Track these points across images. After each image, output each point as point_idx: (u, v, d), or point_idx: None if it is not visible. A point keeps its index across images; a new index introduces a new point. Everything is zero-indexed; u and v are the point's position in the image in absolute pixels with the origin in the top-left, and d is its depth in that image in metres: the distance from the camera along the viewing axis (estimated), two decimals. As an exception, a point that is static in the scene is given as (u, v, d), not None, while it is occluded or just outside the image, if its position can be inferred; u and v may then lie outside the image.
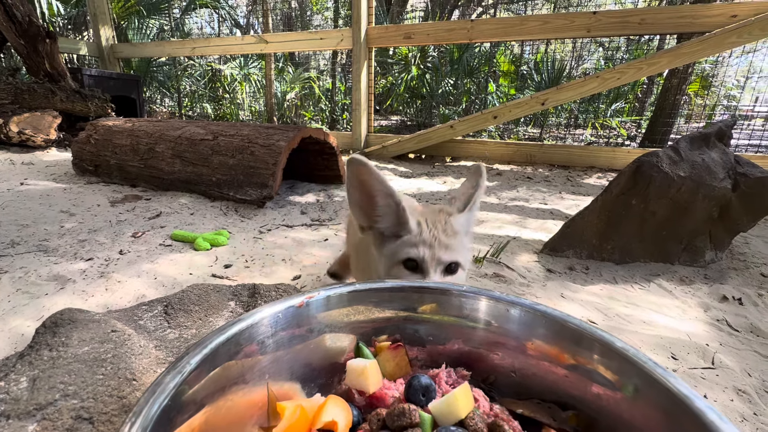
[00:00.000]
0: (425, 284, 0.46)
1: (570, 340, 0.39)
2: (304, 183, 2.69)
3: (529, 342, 0.41)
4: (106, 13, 5.05)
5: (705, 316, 1.20)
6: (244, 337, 0.37)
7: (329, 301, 0.42)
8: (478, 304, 0.43)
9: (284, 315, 0.40)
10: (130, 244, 1.56)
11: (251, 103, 7.61)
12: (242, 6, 12.90)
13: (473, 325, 0.43)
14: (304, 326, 0.41)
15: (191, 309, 0.58)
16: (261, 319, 0.38)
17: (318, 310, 0.42)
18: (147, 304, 0.59)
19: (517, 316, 0.41)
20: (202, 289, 0.63)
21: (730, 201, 1.43)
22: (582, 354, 0.38)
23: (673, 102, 4.11)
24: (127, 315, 0.57)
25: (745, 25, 2.69)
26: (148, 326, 0.55)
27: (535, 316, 0.41)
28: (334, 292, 0.43)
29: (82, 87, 4.04)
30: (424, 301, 0.44)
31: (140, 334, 0.53)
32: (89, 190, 2.29)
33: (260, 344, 0.39)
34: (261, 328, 0.39)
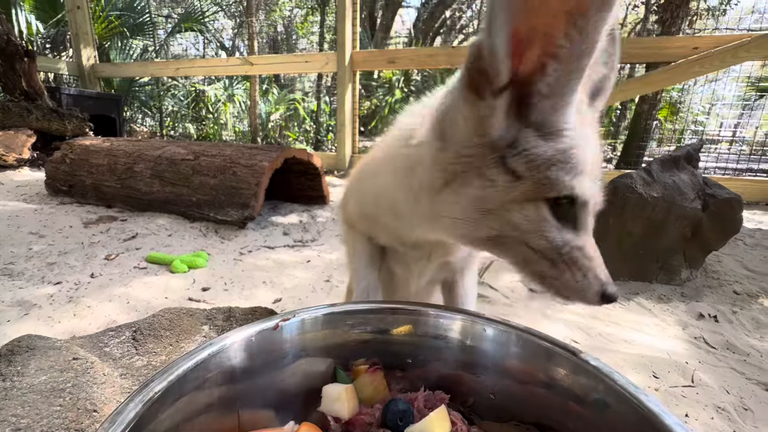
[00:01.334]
0: (401, 305, 0.45)
1: (544, 358, 0.39)
2: (287, 203, 2.67)
3: (506, 361, 0.40)
4: (89, 33, 5.02)
5: (683, 334, 1.22)
6: (214, 363, 0.35)
7: (304, 324, 0.41)
8: (453, 324, 0.43)
9: (257, 339, 0.38)
10: (102, 267, 1.50)
11: (235, 124, 7.60)
12: (228, 29, 13.08)
13: (449, 346, 0.42)
14: (279, 350, 0.39)
15: (162, 334, 0.55)
16: (232, 344, 0.37)
17: (293, 333, 0.40)
18: (114, 330, 0.56)
19: (492, 336, 0.41)
20: (174, 313, 0.60)
21: (701, 221, 1.49)
22: (556, 373, 0.37)
23: (645, 126, 4.32)
24: (92, 341, 0.53)
25: (706, 56, 2.87)
26: (114, 353, 0.52)
27: (511, 335, 0.41)
28: (310, 315, 0.41)
29: (59, 106, 3.96)
30: (399, 323, 0.43)
31: (105, 361, 0.50)
32: (61, 211, 2.21)
33: (231, 370, 0.37)
34: (232, 353, 0.37)
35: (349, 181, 0.69)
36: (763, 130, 5.51)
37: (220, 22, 11.45)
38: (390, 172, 0.48)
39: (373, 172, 0.54)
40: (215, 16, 9.15)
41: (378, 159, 0.54)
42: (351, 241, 0.67)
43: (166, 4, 10.71)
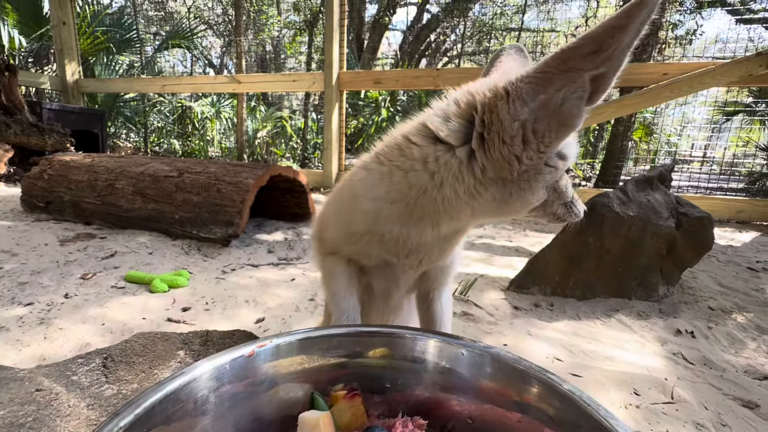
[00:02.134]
0: (378, 329, 0.45)
1: (519, 382, 0.39)
2: (272, 221, 2.65)
3: (481, 384, 0.40)
4: (74, 48, 4.99)
5: (662, 350, 1.24)
6: (185, 393, 0.34)
7: (280, 350, 0.40)
8: (430, 346, 0.43)
9: (232, 366, 0.37)
10: (77, 286, 1.45)
11: (221, 140, 7.57)
12: (216, 47, 13.17)
13: (427, 369, 0.42)
14: (254, 378, 0.39)
15: (134, 361, 0.53)
16: (203, 373, 0.36)
17: (268, 360, 0.40)
18: (84, 357, 0.54)
19: (468, 358, 0.41)
20: (148, 338, 0.58)
21: (676, 238, 1.54)
22: (530, 396, 0.38)
23: (621, 147, 4.50)
24: (59, 370, 0.51)
25: (675, 82, 3.03)
26: (82, 382, 0.50)
27: (486, 358, 0.41)
28: (284, 340, 0.41)
29: (40, 120, 3.89)
30: (376, 346, 0.43)
31: (72, 391, 0.48)
32: (37, 228, 2.14)
33: (203, 401, 0.36)
34: (204, 383, 0.36)
35: (324, 210, 0.72)
36: (731, 151, 5.80)
37: (208, 40, 11.54)
38: (416, 175, 0.54)
39: (375, 183, 0.58)
40: (204, 33, 9.23)
41: (382, 170, 0.58)
42: (328, 266, 0.68)
43: (155, 21, 10.76)
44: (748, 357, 1.23)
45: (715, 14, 7.46)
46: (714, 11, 6.88)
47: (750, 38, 5.34)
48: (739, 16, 5.03)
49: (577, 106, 0.47)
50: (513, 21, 11.14)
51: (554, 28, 12.28)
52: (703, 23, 7.47)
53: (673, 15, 6.27)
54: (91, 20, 6.17)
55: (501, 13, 10.50)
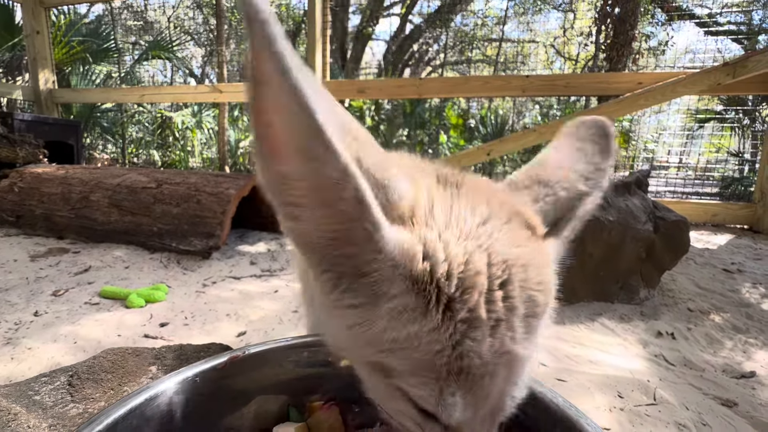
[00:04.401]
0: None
1: None
2: (255, 232, 2.60)
3: None
4: (48, 58, 4.86)
5: (644, 352, 1.26)
6: (151, 409, 0.32)
7: (252, 361, 0.39)
8: None
9: (202, 379, 0.36)
10: (48, 304, 1.39)
11: (203, 150, 7.47)
12: (198, 57, 13.06)
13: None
14: (226, 390, 0.37)
15: (102, 378, 0.51)
16: (170, 387, 0.34)
17: (243, 371, 0.38)
18: (48, 375, 0.51)
19: None
20: (118, 353, 0.55)
21: (654, 242, 1.58)
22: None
23: (600, 153, 4.62)
24: (19, 390, 0.48)
25: (649, 91, 3.14)
26: (45, 402, 0.47)
27: None
28: (260, 350, 0.39)
29: (11, 132, 3.75)
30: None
31: (33, 411, 0.45)
32: (5, 244, 2.05)
33: (170, 416, 0.34)
34: (172, 396, 0.34)
35: None
36: (705, 156, 6.03)
37: (189, 50, 11.44)
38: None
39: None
40: (185, 44, 9.14)
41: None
42: (301, 272, 0.62)
43: (134, 31, 10.61)
44: (725, 356, 1.26)
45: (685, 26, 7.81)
46: (684, 24, 7.22)
47: (718, 49, 5.61)
48: (707, 28, 5.29)
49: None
50: (494, 32, 11.43)
51: (534, 38, 12.66)
52: (674, 35, 7.81)
53: (645, 27, 6.54)
54: (67, 30, 6.04)
55: (482, 24, 10.76)
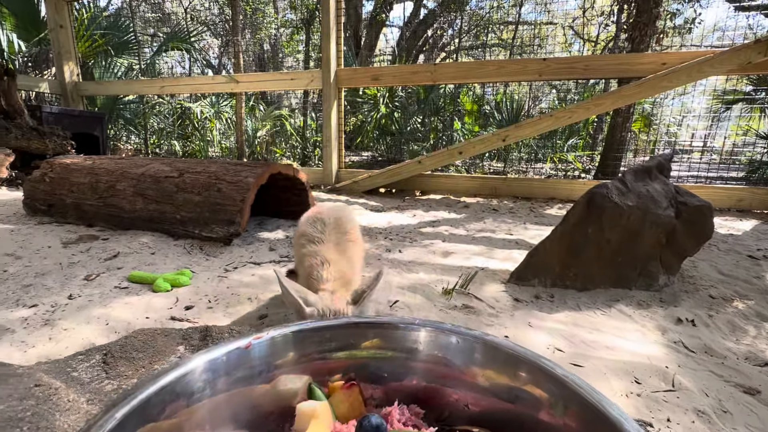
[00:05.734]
0: (369, 320, 0.45)
1: (513, 367, 0.39)
2: (273, 219, 2.66)
3: (475, 371, 0.41)
4: (72, 52, 5.00)
5: (663, 339, 1.25)
6: (181, 386, 0.35)
7: (275, 342, 0.41)
8: (421, 335, 0.43)
9: (229, 358, 0.38)
10: (81, 287, 1.46)
11: (221, 140, 7.58)
12: (214, 47, 13.14)
13: (421, 358, 0.43)
14: (251, 369, 0.39)
15: (134, 356, 0.54)
16: (199, 365, 0.36)
17: (265, 351, 0.40)
18: (84, 353, 0.55)
19: (462, 346, 0.42)
20: (148, 334, 0.59)
21: (675, 228, 1.54)
22: (524, 382, 0.38)
23: (620, 138, 4.48)
24: (58, 367, 0.52)
25: (673, 72, 3.02)
26: (82, 378, 0.50)
27: (478, 346, 0.41)
28: (280, 332, 0.42)
29: (40, 124, 3.90)
30: (368, 336, 0.44)
31: (71, 387, 0.48)
32: (40, 231, 2.15)
33: (199, 392, 0.36)
34: (200, 375, 0.36)
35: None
36: (731, 140, 5.77)
37: (206, 40, 11.52)
38: None
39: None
40: (202, 35, 9.21)
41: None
42: (296, 262, 1.14)
43: (152, 23, 10.74)
44: (749, 344, 1.24)
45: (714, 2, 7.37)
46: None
47: (749, 26, 5.30)
48: (738, 3, 4.99)
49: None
50: (510, 14, 11.08)
51: (552, 20, 12.21)
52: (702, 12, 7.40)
53: (671, 4, 6.22)
54: (89, 23, 6.17)
55: (498, 6, 10.44)
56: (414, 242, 2.26)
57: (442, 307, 1.42)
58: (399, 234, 2.43)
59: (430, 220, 2.87)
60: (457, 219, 2.90)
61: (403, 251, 2.08)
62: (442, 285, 1.59)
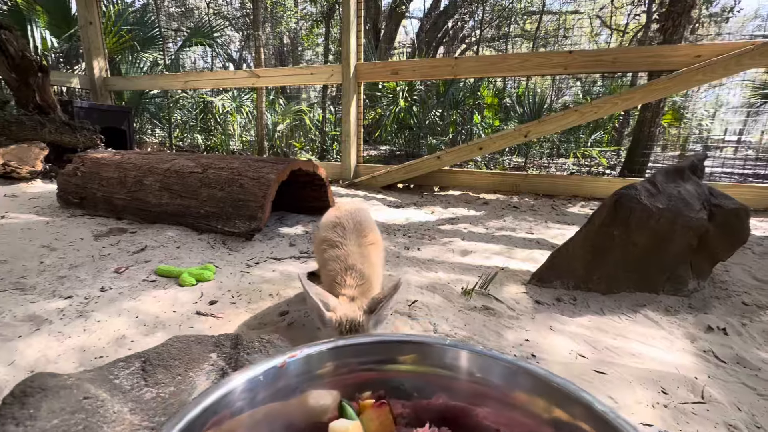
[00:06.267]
0: (407, 337, 0.45)
1: (551, 397, 0.39)
2: (292, 214, 2.69)
3: (510, 396, 0.40)
4: (100, 48, 5.15)
5: (692, 348, 1.21)
6: (222, 405, 0.36)
7: (310, 360, 0.42)
8: (460, 356, 0.43)
9: (265, 377, 0.39)
10: (112, 280, 1.52)
11: (242, 134, 7.70)
12: (235, 42, 13.30)
13: (456, 377, 0.43)
14: (286, 386, 0.40)
15: (171, 364, 0.56)
16: (239, 385, 0.38)
17: (299, 369, 0.41)
18: (124, 361, 0.58)
19: (499, 370, 0.41)
20: (183, 341, 0.61)
21: (708, 231, 1.48)
22: (562, 414, 0.37)
23: (649, 133, 4.31)
24: (102, 375, 0.55)
25: (709, 65, 2.87)
26: (123, 385, 0.53)
27: (517, 372, 0.41)
28: (315, 350, 0.42)
29: (71, 119, 4.05)
30: (404, 353, 0.44)
31: (115, 396, 0.51)
32: (73, 224, 2.25)
33: (238, 411, 0.37)
34: (239, 394, 0.38)
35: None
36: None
37: (227, 34, 11.66)
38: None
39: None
40: (223, 30, 9.33)
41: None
42: (318, 261, 1.30)
43: (175, 17, 10.94)
44: (785, 355, 1.18)
45: (755, -11, 6.96)
46: (754, -15, 6.42)
47: (794, 14, 4.97)
48: (782, -10, 4.68)
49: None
50: (534, 4, 10.76)
51: (578, 9, 11.81)
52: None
53: (707, -8, 5.90)
54: (116, 19, 6.33)
55: (522, -5, 10.17)
56: (433, 240, 2.25)
57: (461, 307, 1.41)
58: (418, 231, 2.42)
59: (449, 217, 2.84)
60: (476, 216, 2.87)
61: (421, 249, 2.07)
62: (461, 285, 1.58)
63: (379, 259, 1.19)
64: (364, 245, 1.15)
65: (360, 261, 1.08)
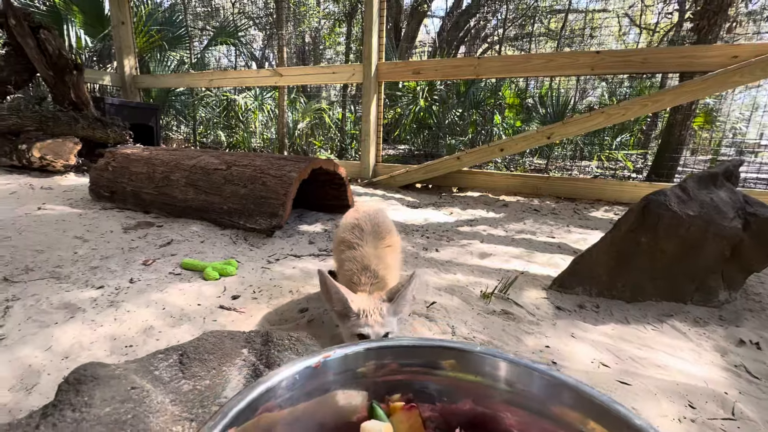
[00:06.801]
0: (443, 343, 0.46)
1: (587, 411, 0.38)
2: (312, 212, 2.73)
3: (547, 408, 0.40)
4: (131, 47, 5.33)
5: (722, 361, 1.16)
6: (261, 401, 0.38)
7: (347, 360, 0.42)
8: (499, 365, 0.43)
9: (301, 376, 0.40)
10: (140, 272, 1.58)
11: (263, 131, 7.83)
12: (258, 40, 13.50)
13: (492, 387, 0.43)
14: (319, 386, 0.41)
15: (206, 358, 0.59)
16: (278, 383, 0.39)
17: (334, 369, 0.42)
18: (163, 353, 0.60)
19: (536, 381, 0.41)
20: (217, 336, 0.64)
21: (742, 241, 1.42)
22: (597, 428, 0.37)
23: (679, 137, 4.15)
24: (143, 366, 0.57)
25: (747, 65, 2.75)
26: (163, 377, 0.55)
27: (552, 383, 0.41)
28: (352, 351, 0.43)
29: (103, 115, 4.21)
30: (441, 357, 0.44)
31: (156, 387, 0.53)
32: (103, 216, 2.34)
33: (275, 407, 0.39)
34: (277, 392, 0.39)
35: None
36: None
37: (251, 33, 11.87)
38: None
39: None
40: (248, 29, 9.50)
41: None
42: (336, 263, 1.30)
43: (202, 17, 11.20)
44: (823, 373, 1.13)
45: (798, -15, 6.61)
46: (797, -18, 6.09)
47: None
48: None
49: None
50: (559, 2, 10.52)
51: (605, 7, 11.48)
52: (783, -4, 6.65)
53: (746, -11, 5.63)
54: (146, 19, 6.54)
55: (547, -6, 9.96)
56: (451, 241, 2.24)
57: (480, 311, 1.40)
58: (436, 232, 2.41)
59: (468, 218, 2.82)
60: (495, 218, 2.84)
61: (440, 250, 2.07)
62: (480, 288, 1.56)
63: (396, 261, 1.20)
64: (380, 247, 1.16)
65: (375, 262, 1.10)
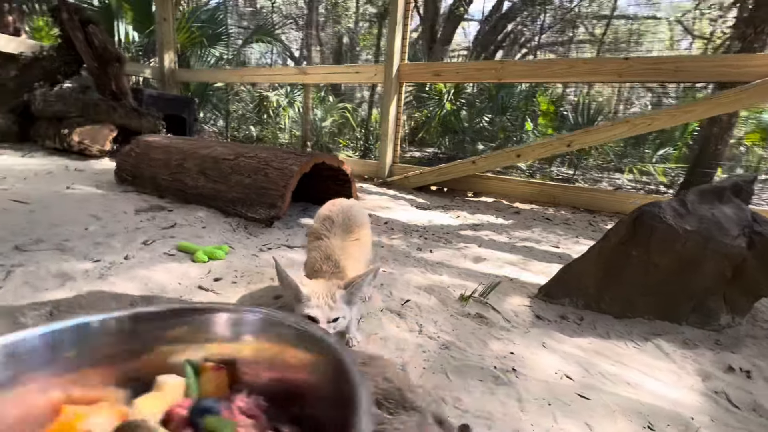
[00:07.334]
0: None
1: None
2: (317, 206, 2.77)
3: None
4: (171, 42, 5.65)
5: (701, 386, 1.08)
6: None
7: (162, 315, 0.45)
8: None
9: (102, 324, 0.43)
10: (137, 250, 1.68)
11: (292, 128, 8.04)
12: (297, 40, 13.87)
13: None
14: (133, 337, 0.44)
15: (77, 313, 0.63)
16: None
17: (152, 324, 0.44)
18: (38, 305, 0.66)
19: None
20: (98, 296, 0.68)
21: (745, 260, 1.31)
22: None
23: (714, 151, 3.85)
24: (13, 315, 0.63)
25: (793, 76, 2.53)
26: (28, 324, 0.60)
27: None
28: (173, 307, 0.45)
29: (140, 105, 4.49)
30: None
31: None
32: (122, 198, 2.50)
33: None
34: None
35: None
36: None
37: (289, 32, 12.24)
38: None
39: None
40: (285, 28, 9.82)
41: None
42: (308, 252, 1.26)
43: (245, 16, 11.68)
44: (818, 411, 1.02)
45: None
46: None
47: None
48: None
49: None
50: (604, 7, 10.10)
51: (655, 14, 10.87)
52: None
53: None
54: (189, 16, 6.90)
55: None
56: (448, 244, 2.21)
57: (454, 312, 1.38)
58: (436, 234, 2.39)
59: (473, 223, 2.77)
60: (502, 225, 2.77)
61: (433, 251, 2.05)
62: (462, 290, 1.54)
63: (361, 255, 1.21)
64: (348, 240, 1.18)
65: (339, 253, 1.12)
